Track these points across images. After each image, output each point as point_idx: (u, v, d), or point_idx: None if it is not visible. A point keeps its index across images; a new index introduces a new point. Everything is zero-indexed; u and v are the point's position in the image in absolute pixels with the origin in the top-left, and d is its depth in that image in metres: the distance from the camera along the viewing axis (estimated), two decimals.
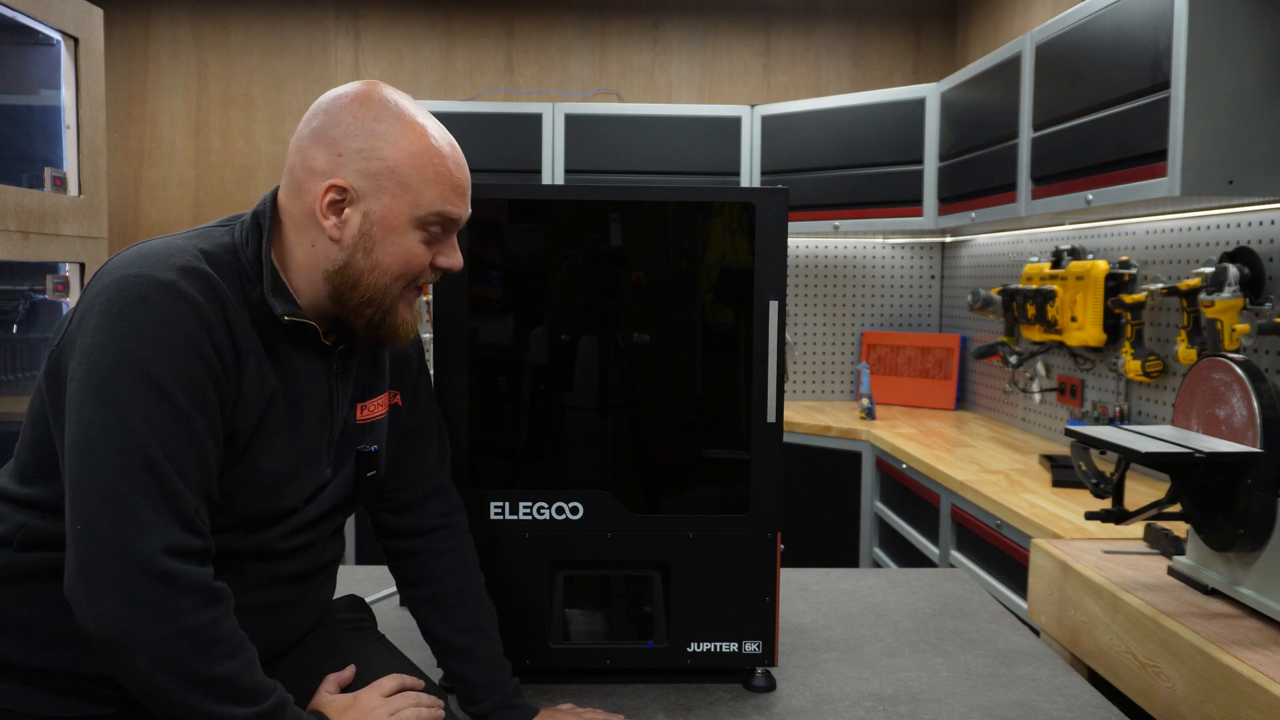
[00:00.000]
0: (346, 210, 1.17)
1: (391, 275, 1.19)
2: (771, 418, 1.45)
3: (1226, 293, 2.27)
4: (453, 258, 1.24)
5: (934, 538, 3.05)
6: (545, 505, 1.46)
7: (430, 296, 1.52)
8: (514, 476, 1.51)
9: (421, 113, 1.22)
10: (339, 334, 1.25)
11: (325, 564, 1.31)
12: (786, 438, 1.45)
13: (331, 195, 1.16)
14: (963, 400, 4.22)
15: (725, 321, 1.56)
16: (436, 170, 1.19)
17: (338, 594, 1.41)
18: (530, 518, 1.46)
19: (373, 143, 1.17)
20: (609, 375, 1.50)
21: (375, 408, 1.31)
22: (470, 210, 1.25)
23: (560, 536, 1.45)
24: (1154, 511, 1.61)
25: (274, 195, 1.22)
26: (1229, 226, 2.45)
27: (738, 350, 1.56)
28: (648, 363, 1.54)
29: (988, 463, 2.98)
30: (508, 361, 1.52)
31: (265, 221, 1.19)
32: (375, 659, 1.31)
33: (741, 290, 1.55)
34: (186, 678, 1.00)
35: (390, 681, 1.25)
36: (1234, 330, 2.26)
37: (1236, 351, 2.01)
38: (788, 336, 1.46)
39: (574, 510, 1.46)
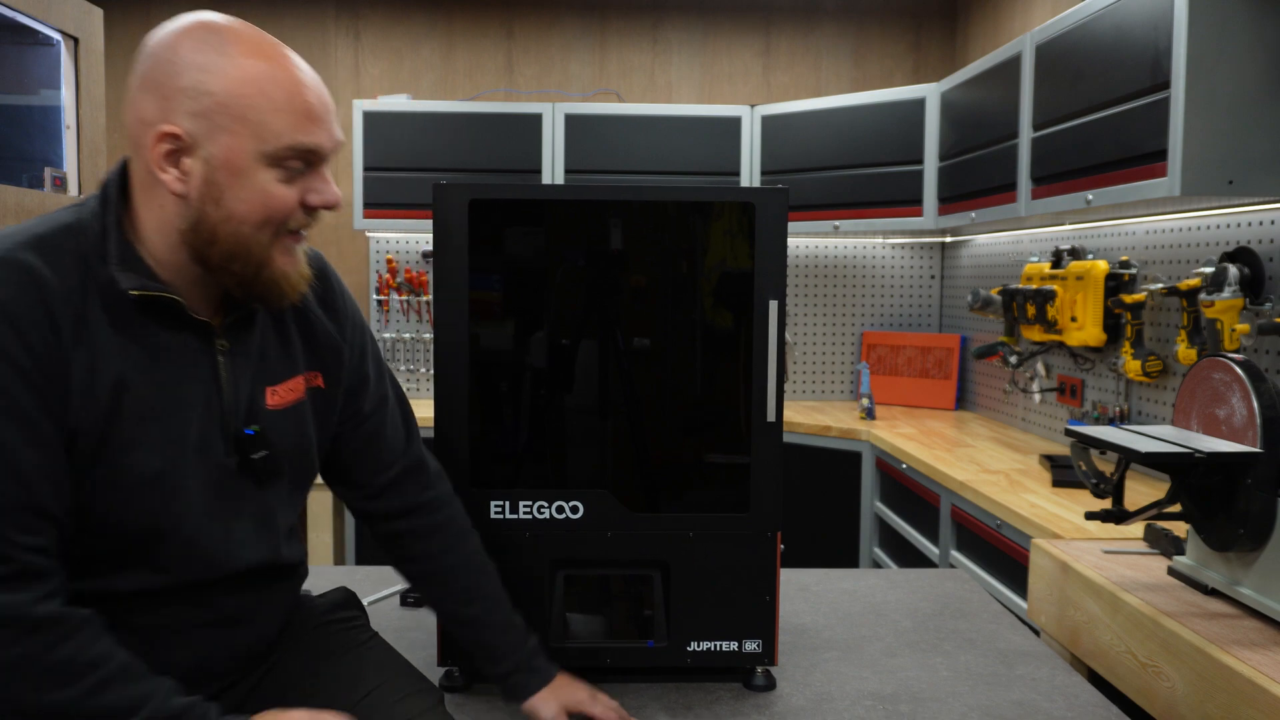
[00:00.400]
0: (185, 160, 1.04)
1: (251, 224, 1.07)
2: (771, 417, 1.45)
3: (1226, 293, 2.27)
4: (325, 193, 1.11)
5: (934, 538, 3.05)
6: (545, 504, 1.46)
7: (431, 296, 1.52)
8: (514, 476, 1.51)
9: (257, 35, 1.08)
10: (230, 307, 1.14)
11: (281, 567, 1.22)
12: (786, 438, 1.45)
13: (165, 145, 1.04)
14: (963, 400, 4.22)
15: (725, 321, 1.56)
16: (278, 96, 1.05)
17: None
18: (530, 517, 1.46)
19: (199, 77, 1.03)
20: (609, 375, 1.51)
21: (287, 393, 1.19)
22: (339, 137, 1.12)
23: (560, 536, 1.45)
24: (1154, 511, 1.61)
25: (125, 162, 1.11)
26: (1229, 226, 2.45)
27: (738, 350, 1.56)
28: (648, 363, 1.54)
29: (988, 463, 2.98)
30: (507, 362, 1.52)
31: (112, 190, 1.08)
32: (370, 659, 1.28)
33: (741, 290, 1.55)
34: (11, 710, 0.96)
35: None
36: (1234, 330, 2.26)
37: (1236, 351, 2.01)
38: (788, 336, 1.46)
39: (574, 509, 1.46)
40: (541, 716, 1.31)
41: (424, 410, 2.66)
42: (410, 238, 4.41)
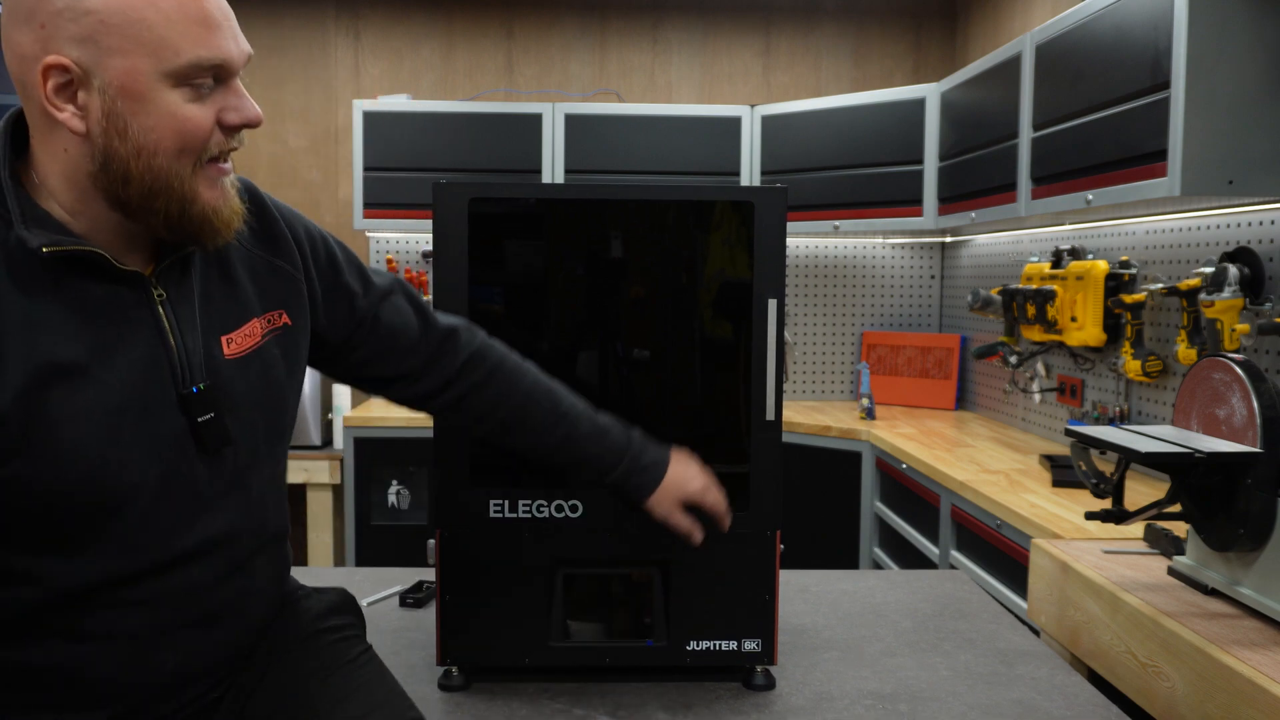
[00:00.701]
0: (80, 93, 0.94)
1: (166, 153, 0.97)
2: (771, 416, 1.45)
3: (1226, 293, 2.27)
4: (244, 110, 1.00)
5: (934, 538, 3.05)
6: (545, 503, 1.46)
7: (431, 296, 1.52)
8: (513, 475, 1.51)
9: None
10: (162, 254, 1.05)
11: (260, 534, 1.13)
12: (786, 438, 1.45)
13: (53, 79, 0.93)
14: (963, 400, 4.22)
15: (725, 321, 1.56)
16: (167, 6, 0.94)
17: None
18: (530, 515, 1.46)
19: None
20: (608, 373, 1.51)
21: (244, 339, 1.09)
22: (247, 47, 1.02)
23: (560, 535, 1.45)
24: (1154, 511, 1.61)
25: (16, 113, 1.00)
26: (1229, 226, 2.45)
27: (737, 349, 1.56)
28: (647, 362, 1.54)
29: (988, 463, 2.98)
30: None
31: (2, 144, 0.97)
32: (358, 680, 1.18)
33: (741, 289, 1.55)
34: None
35: None
36: (1234, 330, 2.26)
37: (1236, 351, 2.01)
38: (788, 336, 1.46)
39: (574, 509, 1.46)
40: (656, 515, 1.34)
41: None
42: (410, 238, 4.41)
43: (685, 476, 1.36)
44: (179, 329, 1.03)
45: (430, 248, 1.45)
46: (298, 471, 3.90)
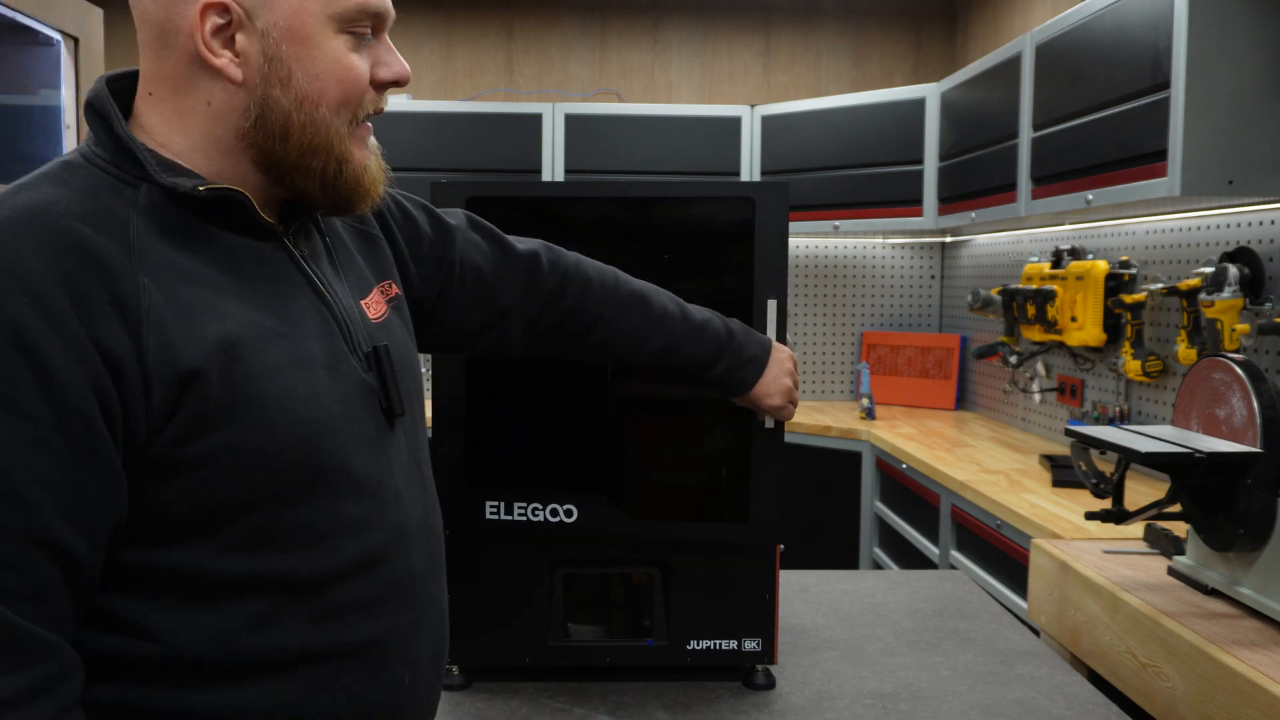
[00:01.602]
0: (238, 38, 0.86)
1: (329, 104, 0.90)
2: (770, 423, 1.44)
3: (1226, 293, 2.27)
4: (395, 66, 0.96)
5: (934, 538, 3.05)
6: (540, 506, 1.45)
7: None
8: (509, 480, 1.51)
9: None
10: (287, 217, 0.97)
11: (439, 531, 1.05)
12: (786, 438, 1.45)
13: (212, 19, 0.85)
14: (963, 400, 4.22)
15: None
16: None
17: None
18: (525, 519, 1.45)
19: None
20: (605, 381, 1.50)
21: (376, 306, 1.03)
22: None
23: (560, 534, 1.45)
24: (1154, 511, 1.61)
25: (106, 80, 0.91)
26: (1229, 226, 2.45)
27: None
28: (645, 365, 1.54)
29: (988, 463, 2.98)
30: (503, 365, 1.52)
31: (106, 104, 0.88)
32: None
33: (741, 289, 1.54)
34: None
35: None
36: (1234, 330, 2.26)
37: (1236, 351, 2.01)
38: (788, 336, 1.46)
39: (568, 513, 1.45)
40: (765, 407, 1.35)
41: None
42: None
43: (782, 365, 1.35)
44: (330, 288, 0.95)
45: None
46: None
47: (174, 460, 0.80)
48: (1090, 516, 1.63)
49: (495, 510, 1.45)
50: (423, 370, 1.16)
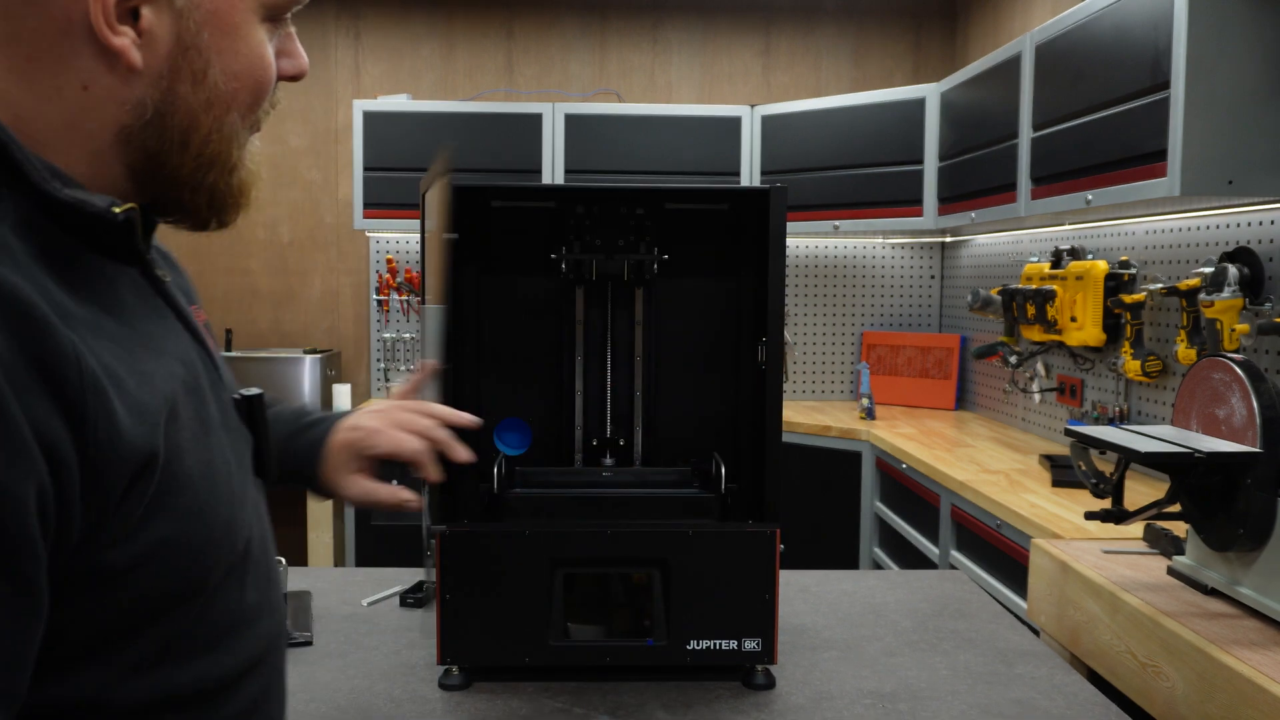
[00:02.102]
0: (145, 13, 0.67)
1: (241, 108, 0.73)
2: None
3: (1226, 293, 2.27)
4: (300, 59, 0.79)
5: (934, 538, 3.05)
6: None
7: (424, 294, 1.51)
8: (513, 474, 1.51)
9: None
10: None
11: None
12: (786, 438, 1.45)
13: None
14: (963, 400, 4.22)
15: (724, 321, 1.56)
16: None
17: (331, 597, 1.39)
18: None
19: None
20: (607, 373, 1.51)
21: (207, 334, 0.84)
22: None
23: (560, 534, 1.45)
24: (1154, 511, 1.61)
25: None
26: (1229, 226, 2.45)
27: (737, 349, 1.56)
28: (646, 361, 1.54)
29: (988, 463, 2.98)
30: (509, 359, 1.52)
31: None
32: None
33: (740, 289, 1.55)
34: None
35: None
36: (1234, 330, 2.26)
37: (1236, 351, 2.01)
38: (788, 336, 1.45)
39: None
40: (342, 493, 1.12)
41: None
42: (410, 238, 4.41)
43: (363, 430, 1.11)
44: (186, 316, 0.79)
45: None
46: None
47: (95, 571, 0.62)
48: (1090, 516, 1.63)
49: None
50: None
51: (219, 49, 0.70)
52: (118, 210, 0.67)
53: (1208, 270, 2.36)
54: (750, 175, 4.16)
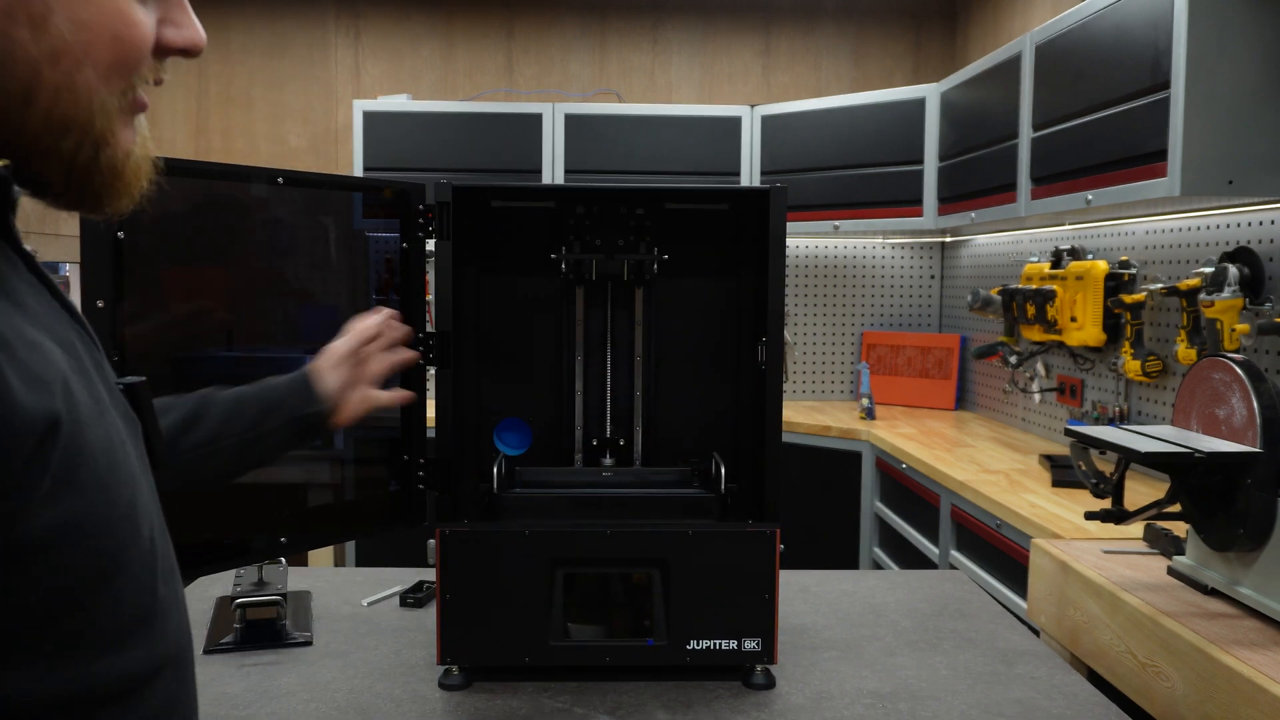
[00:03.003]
0: None
1: (99, 66, 0.65)
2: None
3: (1226, 293, 2.27)
4: (189, 30, 0.70)
5: (934, 538, 3.05)
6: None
7: (433, 296, 1.51)
8: (513, 474, 1.51)
9: None
10: None
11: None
12: (786, 438, 1.45)
13: None
14: (963, 400, 4.22)
15: (724, 321, 1.56)
16: None
17: (331, 597, 1.39)
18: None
19: None
20: (607, 373, 1.51)
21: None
22: None
23: (560, 534, 1.45)
24: (1154, 511, 1.61)
25: None
26: (1229, 226, 2.45)
27: (737, 349, 1.56)
28: (646, 361, 1.54)
29: (988, 463, 2.98)
30: (509, 359, 1.52)
31: None
32: None
33: (740, 289, 1.55)
34: None
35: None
36: (1234, 330, 2.26)
37: (1236, 351, 2.01)
38: (788, 336, 1.45)
39: None
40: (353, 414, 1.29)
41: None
42: None
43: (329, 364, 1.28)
44: (65, 299, 0.73)
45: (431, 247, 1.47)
46: None
47: (5, 551, 0.58)
48: (1090, 516, 1.63)
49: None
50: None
51: None
52: None
53: (1208, 270, 2.36)
54: (750, 175, 4.16)
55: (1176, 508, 1.61)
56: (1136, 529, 2.03)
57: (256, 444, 1.21)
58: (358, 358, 1.32)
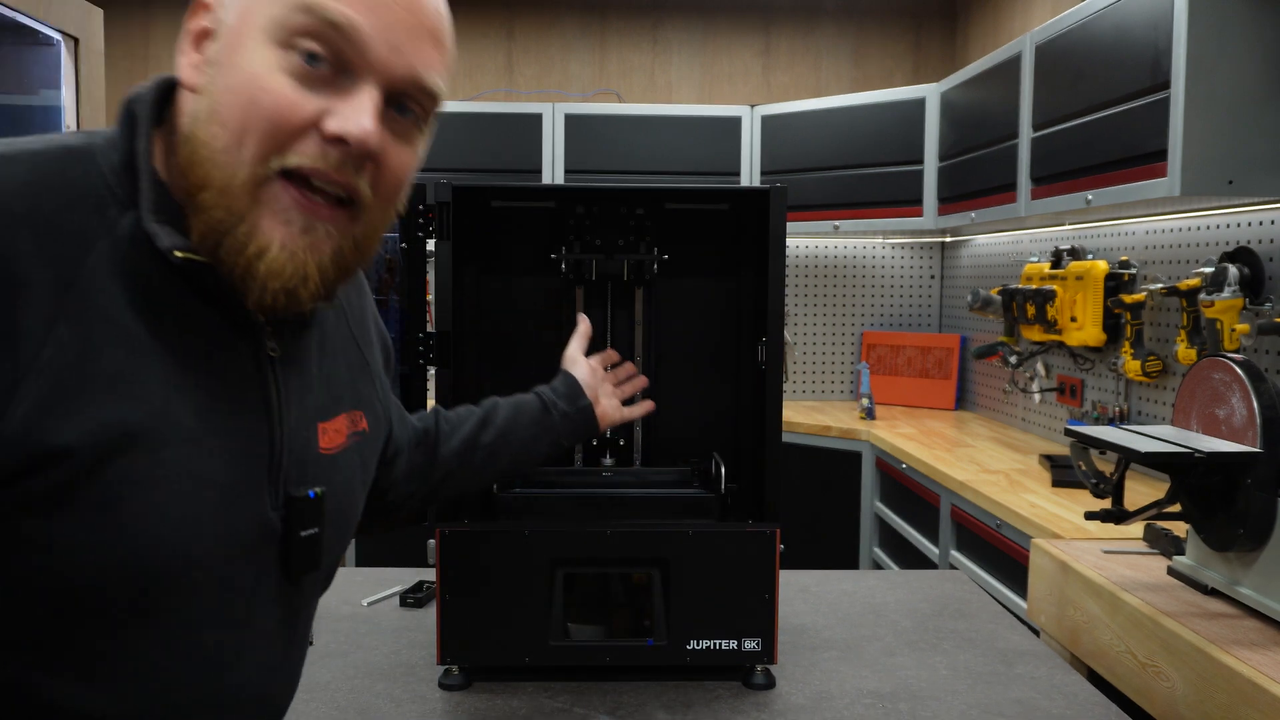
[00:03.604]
0: (210, 43, 0.73)
1: (229, 126, 0.70)
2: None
3: (1226, 293, 2.27)
4: (351, 121, 0.71)
5: (934, 538, 3.05)
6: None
7: (433, 297, 1.51)
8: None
9: None
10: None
11: (281, 708, 0.87)
12: (786, 438, 1.45)
13: (195, 20, 0.74)
14: (963, 400, 4.22)
15: (724, 321, 1.56)
16: None
17: (331, 596, 1.39)
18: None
19: None
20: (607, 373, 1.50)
21: (335, 434, 0.88)
22: (413, 62, 0.74)
23: (559, 534, 1.45)
24: (1154, 511, 1.61)
25: (168, 80, 0.77)
26: (1229, 226, 2.45)
27: (737, 349, 1.56)
28: (646, 361, 1.54)
29: (988, 463, 2.98)
30: (509, 359, 1.52)
31: (142, 109, 0.74)
32: None
33: (740, 289, 1.55)
34: None
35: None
36: (1234, 330, 2.26)
37: (1236, 351, 2.01)
38: (788, 336, 1.45)
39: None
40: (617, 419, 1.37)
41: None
42: None
43: (596, 380, 1.35)
44: (287, 401, 0.80)
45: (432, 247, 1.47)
46: None
47: (18, 527, 0.66)
48: (1090, 516, 1.63)
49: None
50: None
51: (225, 62, 0.71)
52: (179, 254, 0.71)
53: (1208, 270, 2.36)
54: (750, 175, 4.16)
55: (1176, 508, 1.61)
56: (1136, 529, 2.03)
57: (540, 438, 1.28)
58: (604, 377, 1.38)
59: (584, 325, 1.42)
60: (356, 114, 0.72)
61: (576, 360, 1.36)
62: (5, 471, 0.64)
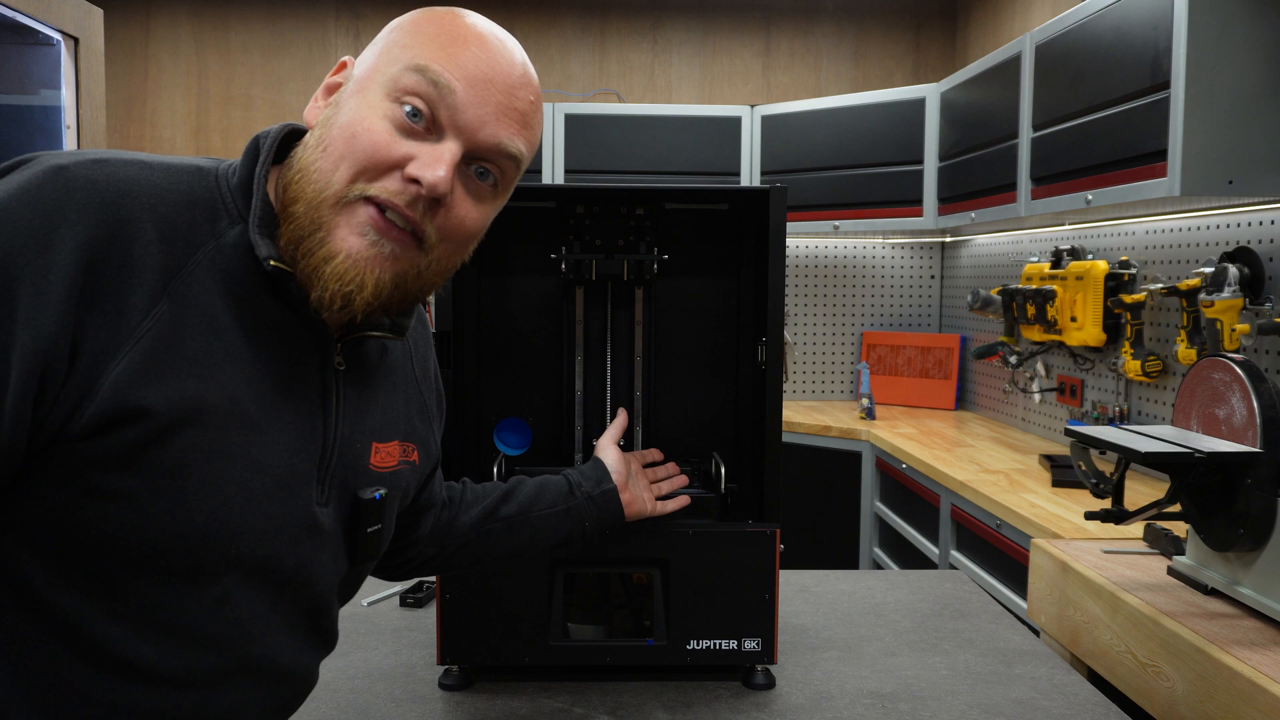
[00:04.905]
0: (340, 95, 0.88)
1: (331, 153, 0.83)
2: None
3: (1226, 293, 2.27)
4: (429, 168, 0.83)
5: (934, 538, 3.05)
6: None
7: (432, 296, 1.51)
8: (512, 474, 1.51)
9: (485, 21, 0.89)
10: (349, 323, 0.90)
11: (293, 679, 0.95)
12: (786, 438, 1.45)
13: (335, 76, 0.90)
14: (963, 400, 4.22)
15: (724, 321, 1.56)
16: (440, 29, 0.86)
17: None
18: None
19: (398, 21, 0.89)
20: (607, 373, 1.50)
21: (387, 456, 0.98)
22: (506, 135, 0.87)
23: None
24: (1154, 511, 1.61)
25: (297, 128, 0.91)
26: (1229, 226, 2.45)
27: (736, 349, 1.56)
28: (646, 361, 1.54)
29: (988, 463, 2.98)
30: (509, 359, 1.52)
31: (266, 144, 0.87)
32: None
33: (740, 289, 1.55)
34: None
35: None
36: (1234, 330, 2.26)
37: (1236, 351, 2.01)
38: (788, 336, 1.45)
39: None
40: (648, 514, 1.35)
41: None
42: None
43: (626, 469, 1.34)
44: (344, 411, 0.91)
45: None
46: None
47: (90, 479, 0.76)
48: (1090, 516, 1.63)
49: None
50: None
51: (342, 105, 0.85)
52: (272, 263, 0.82)
53: (1208, 270, 2.36)
54: (750, 175, 4.16)
55: (1176, 508, 1.61)
56: (1136, 529, 2.03)
57: (562, 518, 1.28)
58: (637, 469, 1.37)
59: (621, 418, 1.43)
60: (434, 163, 0.83)
61: (607, 447, 1.36)
62: (95, 422, 0.74)
